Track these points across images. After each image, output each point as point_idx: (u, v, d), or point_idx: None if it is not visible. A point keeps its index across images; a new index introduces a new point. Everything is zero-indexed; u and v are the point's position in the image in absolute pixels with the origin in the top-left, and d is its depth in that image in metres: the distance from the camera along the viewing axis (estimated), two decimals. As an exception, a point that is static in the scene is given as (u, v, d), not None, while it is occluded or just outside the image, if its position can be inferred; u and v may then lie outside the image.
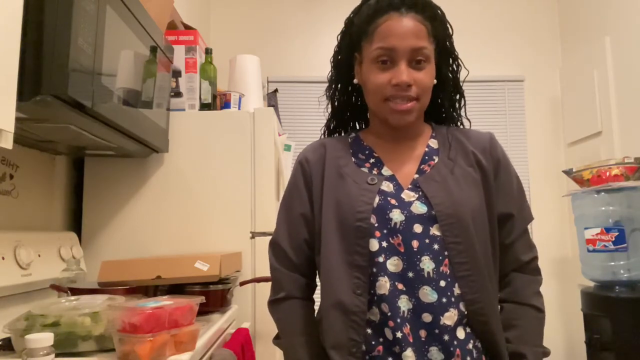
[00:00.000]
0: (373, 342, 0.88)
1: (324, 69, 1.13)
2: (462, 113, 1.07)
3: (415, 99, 0.93)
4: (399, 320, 0.86)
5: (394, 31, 0.92)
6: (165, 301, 0.94)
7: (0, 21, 0.76)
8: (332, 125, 1.12)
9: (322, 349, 0.94)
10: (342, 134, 1.12)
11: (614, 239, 2.27)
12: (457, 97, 1.06)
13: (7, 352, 0.92)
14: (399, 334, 0.85)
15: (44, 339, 0.74)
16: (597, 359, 2.21)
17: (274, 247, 1.04)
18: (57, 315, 0.91)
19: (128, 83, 1.24)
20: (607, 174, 2.35)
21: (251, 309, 1.65)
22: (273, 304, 1.02)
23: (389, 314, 0.87)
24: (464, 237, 0.90)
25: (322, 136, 1.13)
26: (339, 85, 1.08)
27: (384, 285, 0.88)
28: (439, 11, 0.99)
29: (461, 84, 1.05)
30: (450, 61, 1.03)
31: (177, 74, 1.76)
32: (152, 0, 1.47)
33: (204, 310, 1.35)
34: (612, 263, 2.28)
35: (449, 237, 0.89)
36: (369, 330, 0.89)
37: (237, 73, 1.97)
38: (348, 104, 1.10)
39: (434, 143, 1.02)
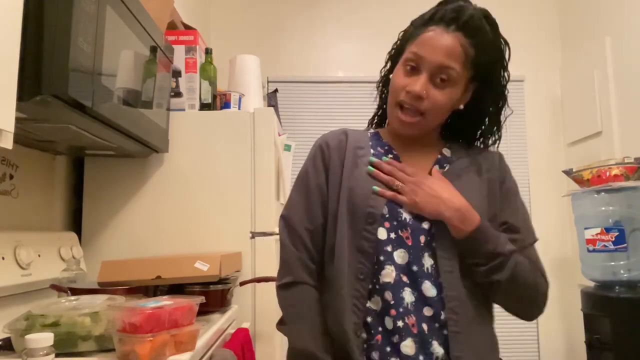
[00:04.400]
0: (372, 331, 0.89)
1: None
2: (493, 145, 1.06)
3: (422, 113, 0.94)
4: (401, 310, 0.87)
5: (430, 42, 0.93)
6: (165, 301, 0.94)
7: (0, 21, 0.76)
8: (375, 120, 1.13)
9: (329, 338, 0.93)
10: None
11: (614, 239, 2.27)
12: (490, 131, 1.04)
13: (7, 352, 0.92)
14: (400, 323, 0.87)
15: (44, 339, 0.74)
16: (597, 359, 2.21)
17: (289, 226, 1.00)
18: (57, 315, 0.90)
19: (128, 83, 1.24)
20: (607, 174, 2.35)
21: (251, 309, 1.65)
22: (282, 288, 0.99)
23: (392, 302, 0.88)
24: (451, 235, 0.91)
25: (369, 127, 1.14)
26: (384, 80, 1.09)
27: (389, 274, 0.90)
28: (496, 43, 0.97)
29: (501, 120, 1.03)
30: (493, 96, 1.01)
31: (177, 74, 1.76)
32: (152, 0, 1.47)
33: (204, 310, 1.35)
34: (612, 263, 2.28)
35: (440, 231, 0.91)
36: (369, 319, 0.90)
37: (237, 73, 1.97)
38: (385, 100, 1.10)
39: (447, 152, 1.03)
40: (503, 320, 1.01)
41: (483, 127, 1.04)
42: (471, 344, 0.88)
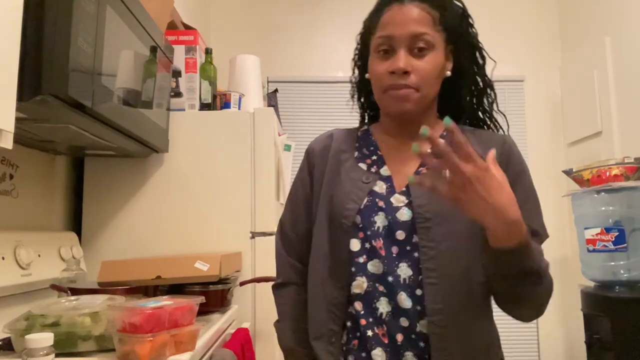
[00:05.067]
0: (350, 335, 0.91)
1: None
2: (493, 108, 1.03)
3: (413, 87, 0.89)
4: (371, 320, 0.88)
5: (394, 19, 0.91)
6: (165, 301, 0.94)
7: (0, 21, 0.76)
8: (363, 127, 1.11)
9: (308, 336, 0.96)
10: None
11: (614, 239, 2.26)
12: (482, 91, 1.02)
13: (7, 352, 0.92)
14: (369, 333, 0.88)
15: (44, 339, 0.74)
16: (597, 359, 2.21)
17: (281, 230, 1.07)
18: (57, 315, 0.90)
19: (128, 83, 1.24)
20: (607, 174, 2.35)
21: (251, 309, 1.65)
22: (274, 289, 1.06)
23: (362, 312, 0.89)
24: (438, 242, 0.85)
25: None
26: (358, 85, 1.09)
27: (360, 285, 0.90)
28: (453, 1, 0.96)
29: (488, 76, 1.02)
30: (469, 52, 0.99)
31: (177, 74, 1.76)
32: (152, 0, 1.47)
33: (204, 310, 1.35)
34: (612, 263, 2.28)
35: (423, 240, 0.86)
36: (349, 323, 0.91)
37: (237, 73, 1.97)
38: (368, 103, 1.09)
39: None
40: (503, 320, 1.00)
41: (474, 89, 1.01)
42: (460, 354, 0.85)
